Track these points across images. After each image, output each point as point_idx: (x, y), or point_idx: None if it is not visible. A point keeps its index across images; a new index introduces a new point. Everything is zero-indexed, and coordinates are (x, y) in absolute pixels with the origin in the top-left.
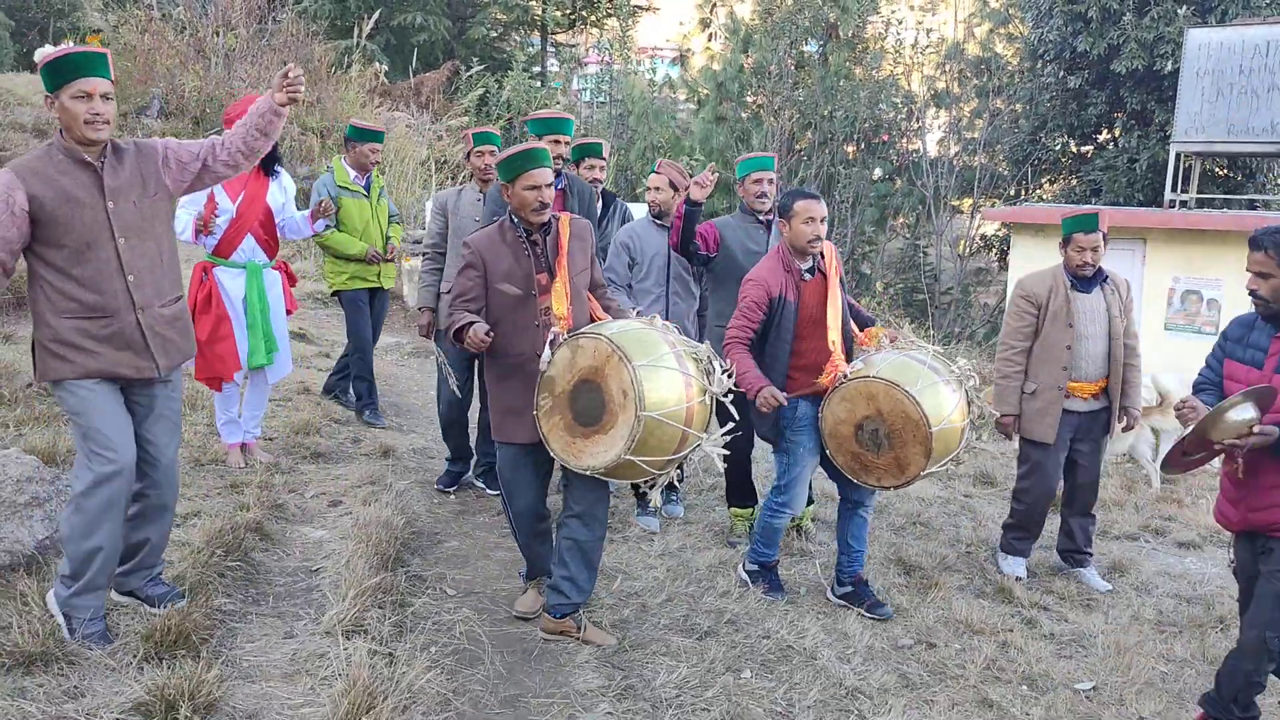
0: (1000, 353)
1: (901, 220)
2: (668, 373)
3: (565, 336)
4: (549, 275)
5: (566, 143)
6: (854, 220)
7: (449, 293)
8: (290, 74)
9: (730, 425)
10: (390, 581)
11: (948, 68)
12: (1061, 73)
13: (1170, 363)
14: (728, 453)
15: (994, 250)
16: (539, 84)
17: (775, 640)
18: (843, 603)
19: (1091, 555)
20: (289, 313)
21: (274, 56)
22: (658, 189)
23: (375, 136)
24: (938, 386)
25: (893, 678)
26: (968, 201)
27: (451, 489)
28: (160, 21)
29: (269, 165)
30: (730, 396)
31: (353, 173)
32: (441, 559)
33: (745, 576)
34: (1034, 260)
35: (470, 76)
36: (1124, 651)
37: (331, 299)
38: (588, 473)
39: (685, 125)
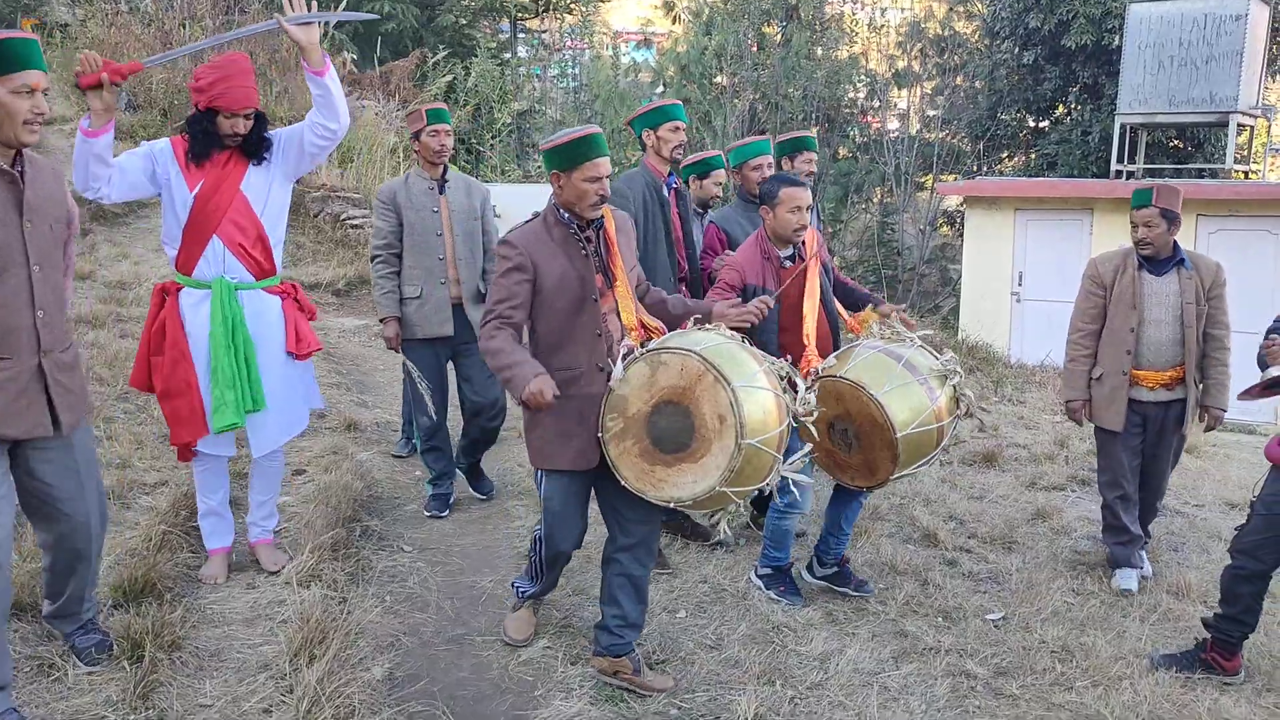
0: (1069, 335)
1: (868, 199)
2: (762, 394)
3: (641, 350)
4: (605, 277)
5: (683, 129)
6: (815, 199)
7: (417, 298)
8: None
9: (809, 447)
10: (346, 538)
11: (908, 47)
12: (1017, 49)
13: None
14: (808, 480)
15: (955, 225)
16: (501, 71)
17: (711, 584)
18: (824, 583)
19: (1147, 541)
20: (302, 355)
21: (240, 49)
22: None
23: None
24: (910, 388)
25: (819, 614)
26: (929, 178)
27: (445, 514)
28: (127, 15)
29: (253, 147)
30: (812, 417)
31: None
32: (399, 520)
33: (759, 582)
34: (985, 233)
35: (436, 63)
36: (1035, 586)
37: None
38: (670, 505)
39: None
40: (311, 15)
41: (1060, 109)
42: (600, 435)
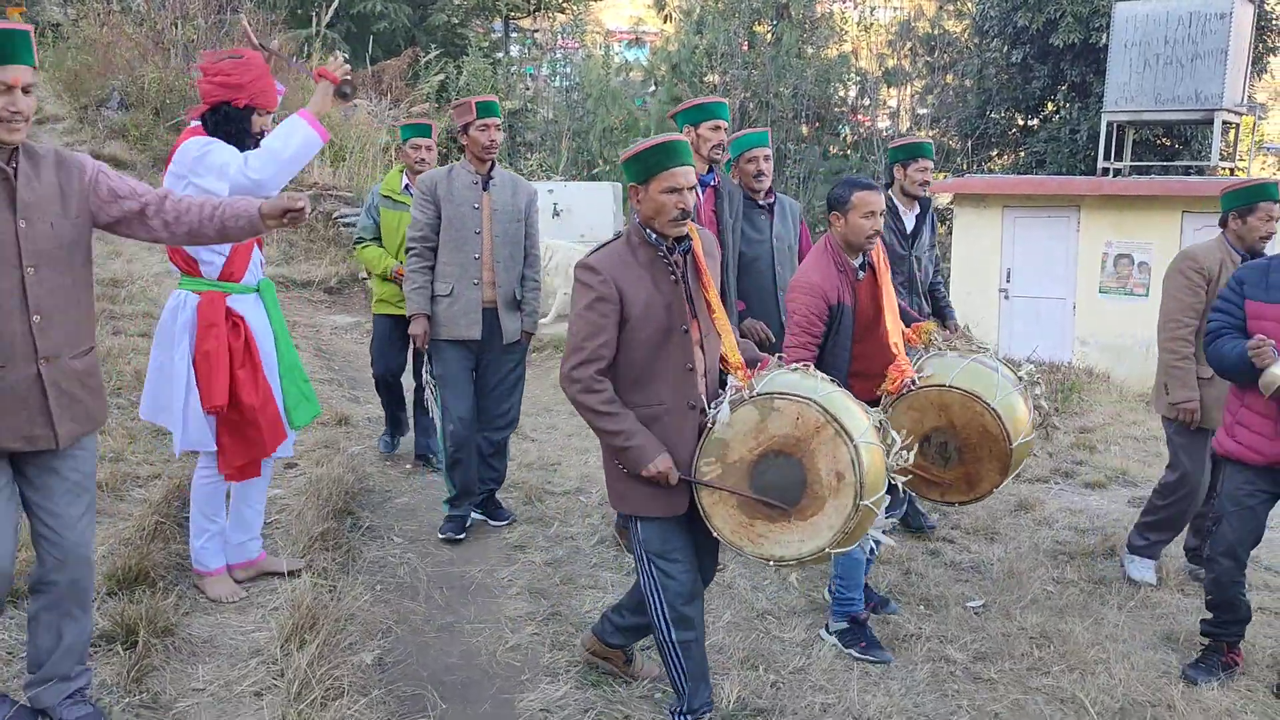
0: (1170, 331)
1: None
2: (876, 451)
3: (751, 393)
4: (691, 304)
5: (725, 129)
6: (804, 197)
7: (447, 295)
8: (298, 204)
9: (897, 509)
10: (337, 528)
11: (899, 46)
12: (1006, 47)
13: (1105, 325)
14: (893, 544)
15: (945, 222)
16: (493, 70)
17: None
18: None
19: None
20: None
21: (233, 48)
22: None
23: (420, 131)
24: (1013, 397)
25: (801, 601)
26: None
27: (461, 536)
28: (119, 14)
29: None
30: (907, 477)
31: (405, 180)
32: (390, 512)
33: (836, 642)
34: (974, 230)
35: (428, 63)
36: (1016, 575)
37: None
38: (768, 563)
39: (643, 106)
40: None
41: (1050, 107)
42: (692, 480)
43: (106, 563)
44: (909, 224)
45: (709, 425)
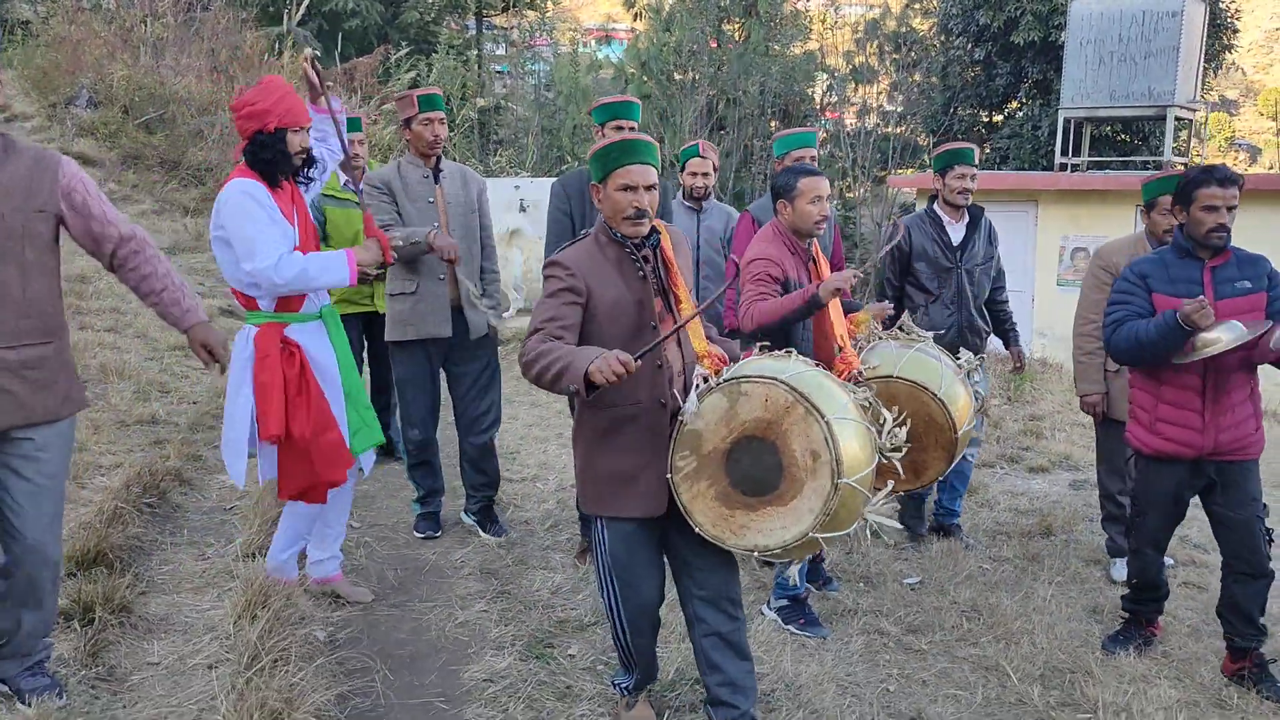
0: (1078, 328)
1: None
2: (853, 426)
3: (717, 380)
4: (664, 301)
5: (631, 128)
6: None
7: (413, 294)
8: (219, 358)
9: (891, 485)
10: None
11: (865, 43)
12: (970, 45)
13: (1062, 317)
14: (898, 525)
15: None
16: (462, 67)
17: None
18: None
19: None
20: None
21: (202, 45)
22: (705, 174)
23: (352, 125)
24: (956, 386)
25: (747, 580)
26: (887, 172)
27: (438, 533)
28: (89, 11)
29: (295, 172)
30: (902, 453)
31: (343, 177)
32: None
33: (776, 617)
34: None
35: (399, 60)
36: (953, 553)
37: None
38: (753, 554)
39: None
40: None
41: (1014, 104)
42: (670, 476)
43: (66, 545)
44: (955, 235)
45: (680, 419)
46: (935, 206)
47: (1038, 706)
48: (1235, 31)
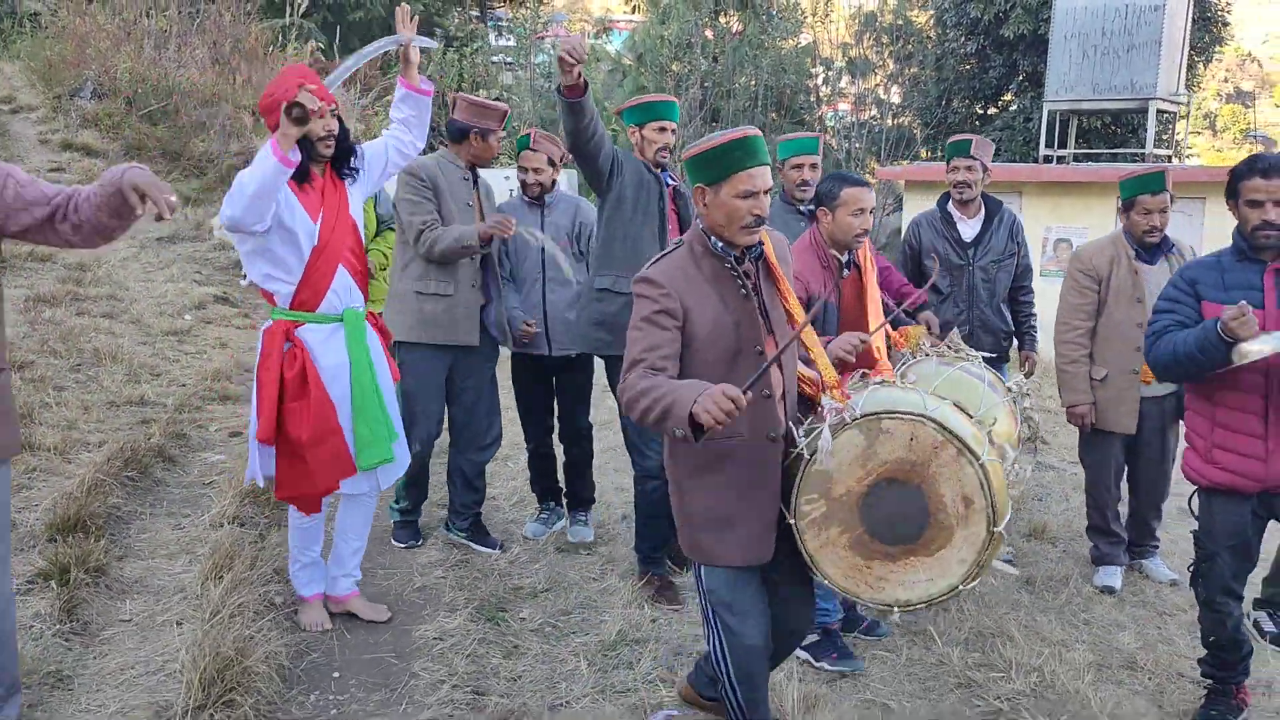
0: (1060, 334)
1: None
2: (997, 466)
3: (851, 415)
4: (766, 321)
5: (674, 130)
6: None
7: (449, 295)
8: (170, 202)
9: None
10: (268, 491)
11: (862, 36)
12: (963, 38)
13: (1045, 306)
14: (1015, 571)
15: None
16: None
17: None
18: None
19: (1158, 545)
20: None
21: (206, 38)
22: (537, 169)
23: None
24: (998, 409)
25: None
26: (879, 164)
27: (419, 542)
28: (95, 3)
29: (340, 163)
30: (1018, 491)
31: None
32: None
33: (805, 654)
34: None
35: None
36: None
37: None
38: (894, 610)
39: (611, 96)
40: (420, 40)
41: (1007, 96)
42: (793, 522)
43: (48, 514)
44: (967, 232)
45: (806, 457)
46: (948, 204)
47: (956, 667)
48: (1226, 25)
